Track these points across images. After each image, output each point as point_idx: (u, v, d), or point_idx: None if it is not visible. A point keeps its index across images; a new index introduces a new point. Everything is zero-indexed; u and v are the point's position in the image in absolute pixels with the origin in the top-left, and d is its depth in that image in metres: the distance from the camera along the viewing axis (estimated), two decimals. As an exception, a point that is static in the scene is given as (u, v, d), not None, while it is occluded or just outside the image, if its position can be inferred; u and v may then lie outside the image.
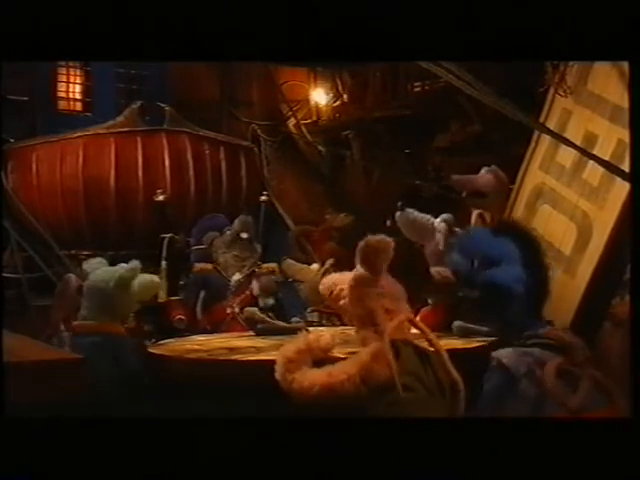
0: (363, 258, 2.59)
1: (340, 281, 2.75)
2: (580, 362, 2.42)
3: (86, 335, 3.66)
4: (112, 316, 3.75)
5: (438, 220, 3.85)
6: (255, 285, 4.46)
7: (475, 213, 4.03)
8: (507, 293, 2.54)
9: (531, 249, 2.66)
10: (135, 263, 3.86)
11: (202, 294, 4.87)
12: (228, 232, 4.94)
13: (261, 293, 4.41)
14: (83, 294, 3.83)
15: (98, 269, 3.88)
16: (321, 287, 2.85)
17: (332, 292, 2.75)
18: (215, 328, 4.55)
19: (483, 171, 4.15)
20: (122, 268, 3.81)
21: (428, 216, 3.93)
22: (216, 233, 5.01)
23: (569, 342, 2.47)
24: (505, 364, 2.39)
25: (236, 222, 5.00)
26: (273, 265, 4.77)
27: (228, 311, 4.54)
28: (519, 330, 2.55)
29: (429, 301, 3.85)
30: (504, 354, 2.44)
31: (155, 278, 4.05)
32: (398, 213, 3.99)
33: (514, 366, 2.38)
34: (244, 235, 4.87)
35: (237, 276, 4.63)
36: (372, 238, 2.57)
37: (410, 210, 3.98)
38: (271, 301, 4.32)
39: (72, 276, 4.36)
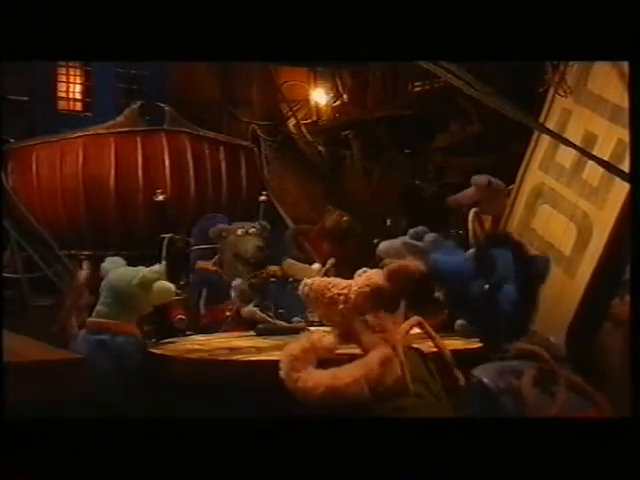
0: (390, 278, 2.63)
1: (335, 285, 2.72)
2: (553, 367, 2.36)
3: (98, 332, 3.65)
4: (130, 316, 3.74)
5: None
6: (232, 293, 4.43)
7: (472, 212, 4.02)
8: (498, 313, 2.50)
9: (526, 265, 2.60)
10: (159, 266, 3.91)
11: (204, 292, 4.85)
12: (239, 231, 4.87)
13: (238, 300, 4.38)
14: (100, 291, 3.82)
15: (119, 267, 3.88)
16: (306, 289, 2.74)
17: (325, 295, 2.69)
18: (216, 327, 4.55)
19: (473, 182, 4.20)
20: (145, 269, 3.80)
21: (399, 240, 3.95)
22: (223, 226, 4.95)
23: (539, 352, 2.43)
24: (486, 383, 2.34)
25: (256, 225, 4.89)
26: (275, 268, 4.73)
27: (228, 314, 4.53)
28: (503, 345, 2.51)
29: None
30: (483, 372, 2.39)
31: (172, 287, 4.04)
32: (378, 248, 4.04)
33: (494, 384, 2.33)
34: (259, 244, 4.77)
35: (238, 281, 4.60)
36: (409, 264, 2.64)
37: (382, 244, 4.02)
38: (250, 307, 4.29)
39: (83, 272, 4.34)
